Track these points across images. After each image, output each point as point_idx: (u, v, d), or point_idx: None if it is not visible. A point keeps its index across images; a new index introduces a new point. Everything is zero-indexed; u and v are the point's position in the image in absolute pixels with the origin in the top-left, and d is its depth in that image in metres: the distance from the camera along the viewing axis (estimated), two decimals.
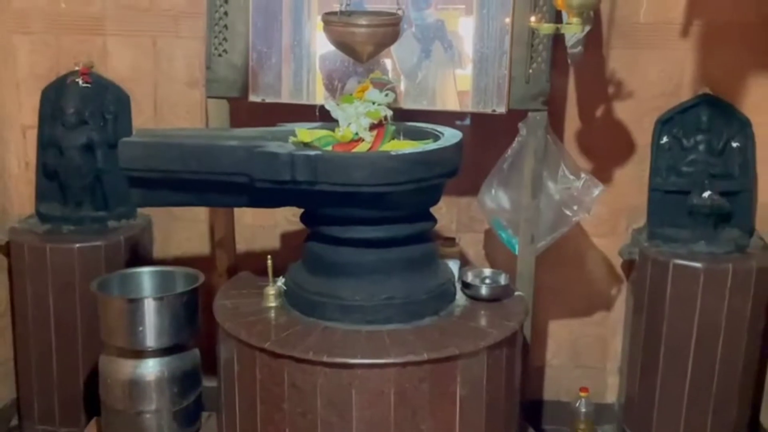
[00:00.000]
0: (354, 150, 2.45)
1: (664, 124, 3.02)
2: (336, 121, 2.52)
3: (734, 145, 2.99)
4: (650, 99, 3.04)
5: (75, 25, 3.11)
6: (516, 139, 2.85)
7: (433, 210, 2.59)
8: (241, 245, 3.17)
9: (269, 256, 2.55)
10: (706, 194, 2.94)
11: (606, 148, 3.11)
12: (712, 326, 2.87)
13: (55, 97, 3.09)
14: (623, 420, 3.17)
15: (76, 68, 3.07)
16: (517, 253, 2.90)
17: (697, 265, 2.86)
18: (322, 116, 2.62)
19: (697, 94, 3.00)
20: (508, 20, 2.68)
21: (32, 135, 3.15)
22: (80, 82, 3.06)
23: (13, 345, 3.18)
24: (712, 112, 2.97)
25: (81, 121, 3.06)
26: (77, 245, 2.96)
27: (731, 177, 2.99)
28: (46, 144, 3.11)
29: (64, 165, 3.07)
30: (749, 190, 3.01)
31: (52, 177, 3.12)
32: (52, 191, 3.13)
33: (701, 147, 2.97)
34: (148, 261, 3.16)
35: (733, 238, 2.96)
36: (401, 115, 2.69)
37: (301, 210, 2.58)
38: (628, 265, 3.15)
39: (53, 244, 2.97)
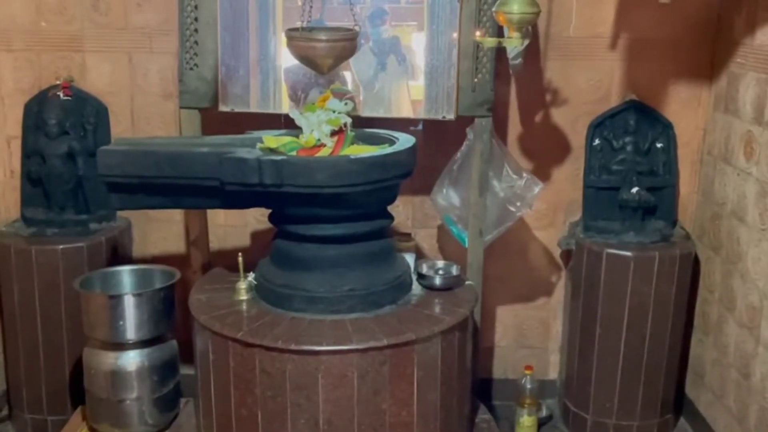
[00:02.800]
0: (316, 155, 2.42)
1: (596, 127, 3.03)
2: (300, 128, 2.48)
3: (658, 145, 3.02)
4: (583, 105, 3.06)
5: (55, 43, 3.04)
6: (464, 142, 2.85)
7: (390, 208, 2.57)
8: (214, 244, 3.13)
9: (240, 253, 2.51)
10: (634, 190, 2.96)
11: (545, 150, 3.12)
12: (641, 308, 2.89)
13: (37, 110, 3.01)
14: (564, 394, 3.18)
15: (57, 82, 3.01)
16: (466, 246, 2.89)
17: (627, 253, 2.88)
18: (287, 124, 2.59)
19: (624, 100, 3.02)
20: (455, 35, 2.67)
21: (17, 145, 3.07)
22: (61, 95, 3.00)
23: (2, 340, 3.11)
24: (638, 116, 2.99)
25: (62, 132, 3.00)
26: (61, 246, 2.89)
27: (656, 174, 3.02)
28: (30, 153, 3.04)
29: (47, 172, 3.00)
30: (672, 186, 3.04)
31: (36, 183, 3.04)
32: (36, 197, 3.06)
33: (629, 148, 2.99)
34: (128, 260, 3.10)
35: (659, 228, 2.99)
36: (360, 122, 2.67)
37: (269, 210, 2.54)
38: (566, 255, 3.16)
39: (38, 246, 2.90)
